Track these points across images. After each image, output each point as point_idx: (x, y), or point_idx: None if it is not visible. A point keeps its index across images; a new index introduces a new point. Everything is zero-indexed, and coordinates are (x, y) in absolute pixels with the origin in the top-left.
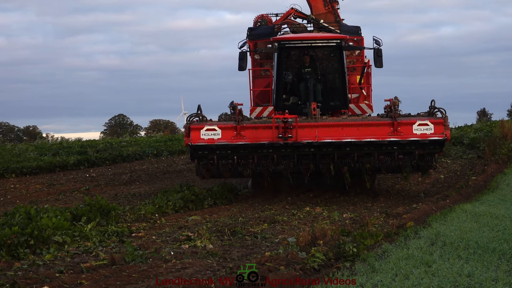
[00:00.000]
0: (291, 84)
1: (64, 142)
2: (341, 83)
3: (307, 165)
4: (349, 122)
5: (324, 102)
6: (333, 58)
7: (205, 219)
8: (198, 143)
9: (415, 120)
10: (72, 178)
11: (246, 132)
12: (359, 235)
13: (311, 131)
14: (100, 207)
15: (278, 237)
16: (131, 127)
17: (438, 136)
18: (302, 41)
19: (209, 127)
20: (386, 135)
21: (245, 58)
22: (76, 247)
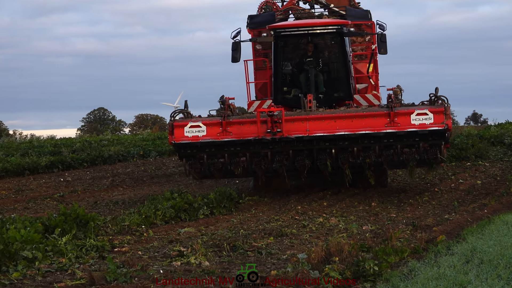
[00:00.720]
0: (291, 75)
1: (35, 141)
2: (344, 73)
3: (302, 161)
4: (342, 114)
5: (328, 93)
6: (334, 45)
7: (200, 231)
8: (182, 141)
9: (413, 110)
10: (44, 182)
11: (232, 128)
12: (381, 251)
13: (302, 125)
14: (77, 217)
15: (286, 253)
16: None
17: (438, 126)
18: (299, 28)
19: (193, 124)
20: (382, 127)
21: (238, 49)
22: (49, 263)
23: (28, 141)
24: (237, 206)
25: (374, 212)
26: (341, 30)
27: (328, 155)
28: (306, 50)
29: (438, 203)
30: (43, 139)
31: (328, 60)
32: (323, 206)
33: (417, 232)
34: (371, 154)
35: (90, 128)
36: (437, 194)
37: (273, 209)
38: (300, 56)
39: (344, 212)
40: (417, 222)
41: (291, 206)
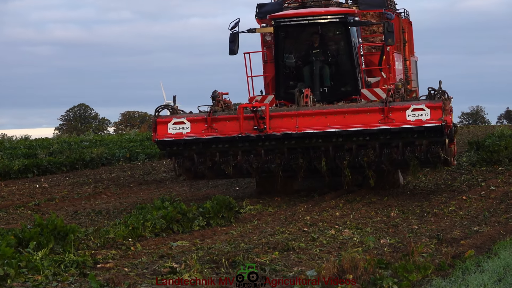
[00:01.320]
0: (296, 69)
1: (6, 141)
2: (350, 66)
3: (296, 160)
4: (333, 110)
5: (333, 87)
6: (339, 36)
7: (195, 245)
8: (165, 138)
9: (409, 105)
10: (16, 189)
11: (218, 124)
12: (401, 268)
13: (291, 121)
14: (55, 229)
15: (293, 269)
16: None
17: (435, 122)
18: (298, 18)
19: (177, 120)
20: (376, 123)
21: (236, 41)
22: (23, 281)
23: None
24: (237, 217)
25: (393, 223)
26: (345, 19)
27: (323, 153)
28: (312, 41)
29: (466, 213)
30: (16, 139)
31: (334, 52)
32: (335, 217)
33: (442, 246)
34: (368, 152)
35: (70, 128)
36: (465, 203)
37: (278, 220)
38: (306, 48)
39: (359, 223)
40: (442, 235)
41: (298, 216)
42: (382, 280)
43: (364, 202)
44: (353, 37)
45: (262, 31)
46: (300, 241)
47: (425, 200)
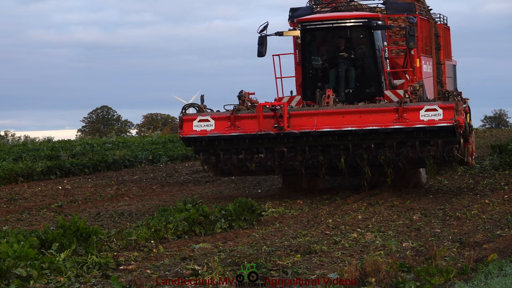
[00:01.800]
0: (323, 71)
1: (29, 143)
2: (373, 68)
3: (316, 158)
4: (350, 110)
5: (358, 88)
6: (363, 39)
7: (217, 247)
8: (190, 135)
9: (423, 106)
10: (39, 191)
11: (240, 122)
12: (423, 271)
13: (310, 120)
14: (77, 231)
15: (315, 272)
16: (119, 124)
17: (447, 123)
18: (323, 21)
19: (202, 118)
20: (391, 122)
21: (264, 43)
22: (45, 283)
23: (21, 143)
24: (259, 219)
25: (415, 226)
26: (368, 23)
27: (341, 151)
28: (338, 44)
29: (489, 217)
30: (39, 141)
31: (358, 54)
32: (358, 220)
33: (465, 250)
34: (385, 150)
35: (92, 129)
36: (488, 207)
37: (300, 223)
38: (332, 50)
39: (382, 226)
40: (465, 239)
41: (321, 219)
42: (404, 283)
43: (387, 205)
44: (377, 40)
45: (289, 34)
46: (322, 244)
47: (448, 203)
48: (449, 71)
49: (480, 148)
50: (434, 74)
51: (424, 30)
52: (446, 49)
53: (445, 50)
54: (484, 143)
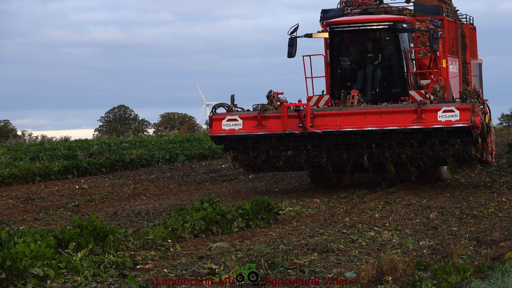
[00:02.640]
0: (351, 71)
1: (46, 143)
2: (398, 69)
3: (340, 156)
4: (372, 110)
5: (384, 89)
6: (389, 41)
7: (235, 246)
8: (219, 133)
9: (440, 107)
10: (56, 190)
11: (267, 122)
12: (440, 270)
13: (333, 120)
14: (94, 230)
15: (332, 271)
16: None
17: (464, 123)
18: (350, 24)
19: (231, 117)
20: (410, 123)
21: (294, 44)
22: (62, 282)
23: (38, 143)
24: (276, 218)
25: (432, 225)
26: (393, 26)
27: (365, 149)
28: (365, 46)
29: (506, 215)
30: (56, 141)
31: (384, 56)
32: (375, 218)
33: (482, 248)
34: (406, 149)
35: (109, 129)
36: (505, 205)
37: (317, 222)
38: (359, 51)
39: (399, 225)
40: (482, 237)
41: (338, 218)
42: (421, 282)
43: (403, 204)
44: (403, 42)
45: (317, 36)
46: (339, 243)
47: (465, 202)
48: (474, 70)
49: (497, 146)
50: (460, 74)
51: (451, 32)
52: (472, 49)
53: (471, 50)
54: (501, 141)
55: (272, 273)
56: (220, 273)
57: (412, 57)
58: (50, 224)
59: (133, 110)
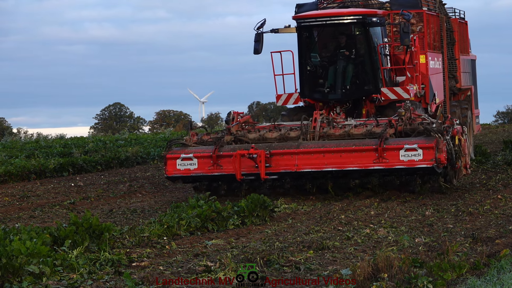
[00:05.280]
0: (322, 68)
1: (42, 140)
2: (370, 65)
3: (304, 185)
4: (331, 148)
5: (355, 86)
6: (359, 36)
7: (230, 243)
8: (174, 174)
9: (402, 145)
10: (52, 188)
11: (223, 161)
12: (436, 267)
13: (291, 159)
14: (90, 227)
15: (328, 268)
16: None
17: (427, 164)
18: (317, 18)
19: (185, 156)
20: (371, 163)
21: (260, 40)
22: (58, 280)
23: (34, 140)
24: (272, 215)
25: (428, 222)
26: (363, 20)
27: (329, 180)
28: (335, 41)
29: (501, 212)
30: (51, 138)
31: (355, 51)
32: (370, 216)
33: (477, 245)
34: (372, 179)
35: (105, 126)
36: (500, 202)
37: (313, 219)
38: (330, 47)
39: (394, 222)
40: (477, 234)
41: (333, 215)
42: (417, 279)
43: (399, 201)
44: (375, 37)
45: (285, 32)
46: (335, 240)
47: (460, 199)
48: (465, 66)
49: (493, 144)
50: (446, 70)
51: (433, 26)
52: (462, 44)
53: (461, 45)
54: (496, 139)
55: (268, 271)
56: (215, 270)
57: (386, 52)
58: (46, 221)
59: (128, 107)
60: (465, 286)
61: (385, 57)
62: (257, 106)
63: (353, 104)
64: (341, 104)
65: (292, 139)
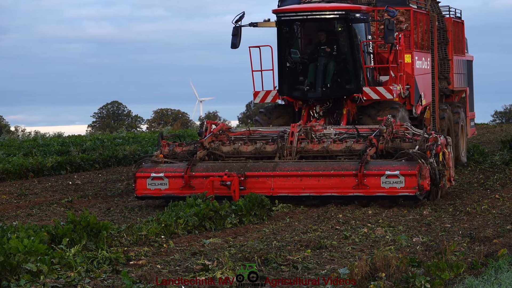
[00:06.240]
0: (302, 65)
1: (39, 139)
2: (351, 63)
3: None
4: (309, 172)
5: (337, 84)
6: (341, 32)
7: (228, 242)
8: (144, 194)
9: (384, 171)
10: (49, 186)
11: (195, 181)
12: (434, 266)
13: (267, 182)
14: (87, 226)
15: (326, 267)
16: (129, 119)
17: (409, 192)
18: (297, 13)
19: (156, 175)
20: (350, 189)
21: (238, 34)
22: (55, 278)
23: (32, 139)
24: (269, 214)
25: (425, 221)
26: (345, 16)
27: None
28: (316, 37)
29: (499, 212)
30: (49, 136)
31: (336, 48)
32: (368, 215)
33: (475, 245)
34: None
35: (103, 125)
36: (498, 202)
37: (310, 218)
38: (310, 43)
39: (392, 221)
40: (475, 234)
41: (331, 214)
42: (415, 278)
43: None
44: (358, 33)
45: (264, 26)
46: (332, 239)
47: (458, 198)
48: (460, 67)
49: (491, 143)
50: (436, 71)
51: (422, 24)
52: (457, 44)
53: (456, 45)
54: (494, 138)
55: (265, 270)
56: (213, 269)
57: (370, 50)
58: (44, 219)
59: (126, 106)
60: (463, 286)
61: (368, 55)
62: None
63: (333, 103)
64: (321, 103)
65: (268, 154)
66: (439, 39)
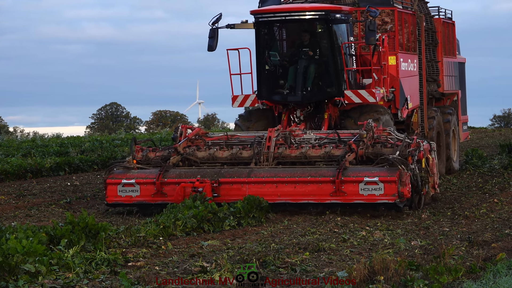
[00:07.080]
0: (280, 67)
1: (38, 139)
2: (332, 65)
3: None
4: (284, 179)
5: (318, 87)
6: (321, 34)
7: (226, 244)
8: (115, 201)
9: (362, 178)
10: (48, 187)
11: (167, 188)
12: (432, 270)
13: (241, 189)
14: (86, 227)
15: (324, 270)
16: (128, 121)
17: (388, 199)
18: (276, 13)
19: (127, 182)
20: (327, 196)
21: (215, 36)
22: (54, 279)
23: (30, 139)
24: (268, 217)
25: (424, 225)
26: (325, 16)
27: None
28: (295, 39)
29: (497, 216)
30: (48, 137)
31: (317, 50)
32: (366, 218)
33: (474, 249)
34: None
35: (101, 126)
36: (497, 206)
37: (309, 221)
38: (290, 45)
39: (390, 224)
40: (474, 238)
41: (329, 217)
42: (413, 282)
43: None
44: (340, 35)
45: (242, 27)
46: (330, 242)
47: (456, 202)
48: (450, 69)
49: (489, 147)
50: (424, 73)
51: (408, 25)
52: (447, 45)
53: (446, 47)
54: (493, 142)
55: (264, 272)
56: (211, 271)
57: (352, 52)
58: (42, 220)
59: (125, 107)
60: None
61: (350, 57)
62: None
63: (314, 107)
64: (302, 107)
65: (244, 160)
66: (427, 40)
